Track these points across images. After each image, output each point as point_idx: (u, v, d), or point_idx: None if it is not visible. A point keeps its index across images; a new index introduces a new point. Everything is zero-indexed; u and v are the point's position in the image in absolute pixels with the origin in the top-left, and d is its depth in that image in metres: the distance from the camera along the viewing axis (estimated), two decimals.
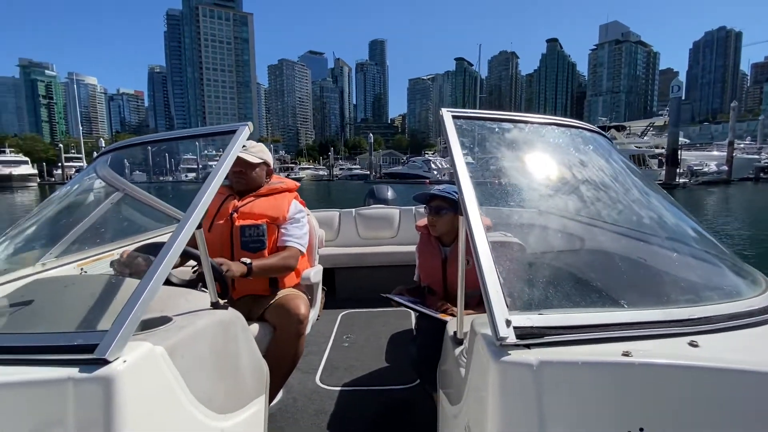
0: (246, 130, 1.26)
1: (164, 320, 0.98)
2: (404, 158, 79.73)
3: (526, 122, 1.34)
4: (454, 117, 1.15)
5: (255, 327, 1.65)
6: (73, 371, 0.73)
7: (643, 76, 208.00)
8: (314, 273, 2.04)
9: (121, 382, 0.73)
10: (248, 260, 1.65)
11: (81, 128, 52.62)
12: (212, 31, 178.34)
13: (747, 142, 51.00)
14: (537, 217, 1.48)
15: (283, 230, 1.86)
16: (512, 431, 0.71)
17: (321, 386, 2.18)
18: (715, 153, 39.04)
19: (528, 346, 0.74)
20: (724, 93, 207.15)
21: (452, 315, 1.42)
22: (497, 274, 0.81)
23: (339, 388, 2.16)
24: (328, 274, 3.58)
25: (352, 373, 2.32)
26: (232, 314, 1.17)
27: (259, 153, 1.91)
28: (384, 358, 2.53)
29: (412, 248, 1.84)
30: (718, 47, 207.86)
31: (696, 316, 0.86)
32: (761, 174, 36.86)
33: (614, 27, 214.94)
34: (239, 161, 1.80)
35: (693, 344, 0.79)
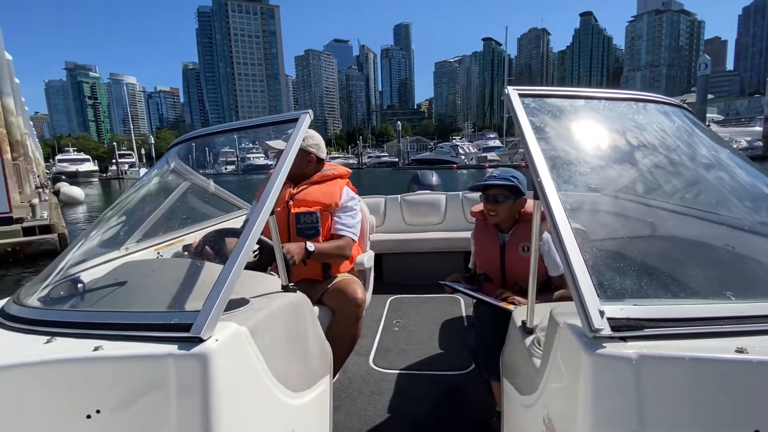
0: (307, 117, 1.29)
1: (243, 302, 1.04)
2: (431, 144, 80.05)
3: (597, 98, 1.26)
4: (521, 95, 1.08)
5: (316, 309, 1.69)
6: (172, 348, 0.80)
7: (687, 48, 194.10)
8: (367, 258, 2.11)
9: (215, 358, 0.79)
10: (312, 246, 1.72)
11: (132, 126, 56.87)
12: (241, 26, 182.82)
13: None
14: (605, 202, 1.40)
15: (336, 218, 1.92)
16: (607, 427, 0.68)
17: (374, 368, 2.26)
18: (749, 128, 37.32)
19: (624, 339, 0.70)
20: None
21: (513, 303, 1.42)
22: (585, 262, 0.77)
23: (392, 371, 2.22)
24: (376, 259, 3.63)
25: (405, 357, 2.37)
26: (301, 297, 1.22)
27: (308, 139, 1.98)
28: (435, 343, 2.55)
29: (460, 234, 1.86)
30: None
31: None
32: None
33: None
34: (275, 150, 1.86)
35: None
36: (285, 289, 1.20)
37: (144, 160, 52.97)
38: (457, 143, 54.05)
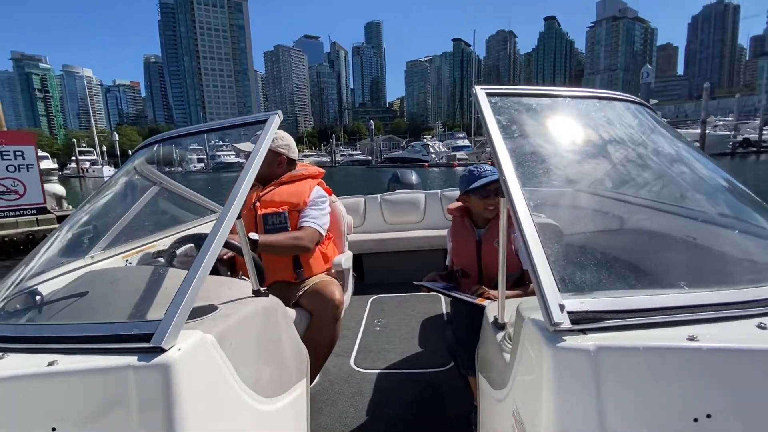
0: (276, 119, 1.28)
1: (211, 309, 1.02)
2: (403, 143, 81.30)
3: (563, 96, 1.28)
4: (488, 94, 1.10)
5: (292, 313, 1.68)
6: (132, 359, 0.77)
7: (641, 53, 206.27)
8: (345, 259, 2.08)
9: (177, 368, 0.76)
10: (255, 236, 1.64)
11: (94, 122, 54.00)
12: (207, 19, 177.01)
13: (728, 119, 52.61)
14: (573, 197, 1.43)
15: (302, 213, 1.88)
16: (569, 419, 0.70)
17: (356, 369, 2.24)
18: (690, 131, 40.78)
19: (583, 332, 0.72)
20: (722, 68, 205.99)
21: (488, 299, 1.42)
22: (546, 257, 0.79)
23: (373, 371, 2.21)
24: (356, 259, 3.62)
25: (386, 357, 2.36)
26: (273, 301, 1.20)
27: (278, 140, 1.94)
28: (415, 342, 2.57)
29: (440, 232, 1.78)
30: (716, 21, 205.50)
31: (763, 297, 0.83)
32: (738, 149, 38.83)
33: (612, 3, 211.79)
34: (245, 153, 1.83)
35: (762, 326, 0.75)
36: (256, 293, 1.18)
37: (106, 158, 50.69)
38: (428, 142, 55.46)
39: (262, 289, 1.20)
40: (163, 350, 0.77)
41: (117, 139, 47.70)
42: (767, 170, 25.01)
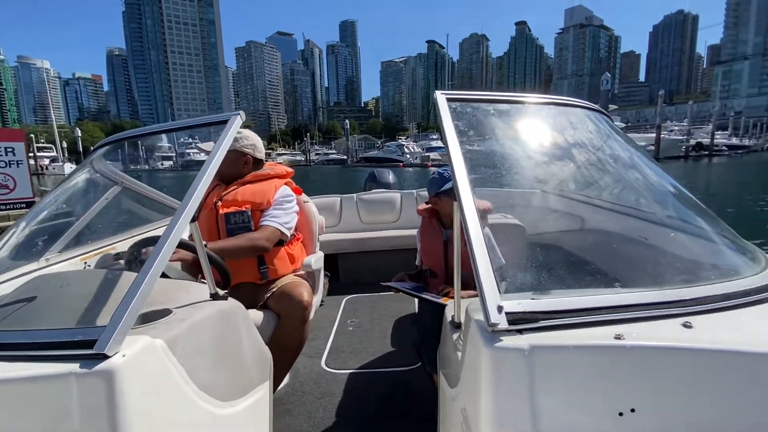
0: (238, 119, 1.26)
1: (164, 313, 1.00)
2: (379, 143, 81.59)
3: (524, 102, 1.32)
4: (448, 99, 1.13)
5: (259, 315, 1.67)
6: (74, 367, 0.75)
7: (606, 59, 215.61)
8: (315, 260, 2.06)
9: (121, 375, 0.74)
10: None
11: (54, 116, 51.03)
12: (176, 12, 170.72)
13: (683, 124, 56.04)
14: (538, 198, 1.45)
15: (264, 213, 1.83)
16: (505, 416, 0.72)
17: (326, 370, 2.23)
18: (645, 135, 43.22)
19: (520, 331, 0.75)
20: (681, 75, 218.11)
21: (452, 299, 1.41)
22: (490, 260, 0.81)
23: (344, 371, 2.20)
24: (331, 259, 3.68)
25: (357, 357, 2.36)
26: (232, 304, 1.18)
27: (244, 140, 1.91)
28: (388, 341, 2.57)
29: (415, 232, 1.86)
30: (675, 30, 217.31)
31: (690, 297, 0.86)
32: (691, 152, 41.53)
33: (579, 11, 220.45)
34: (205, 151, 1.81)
35: (686, 325, 0.79)
36: (214, 297, 1.16)
37: (66, 155, 48.00)
38: (403, 143, 55.88)
39: (221, 292, 1.18)
40: (107, 357, 0.75)
41: (80, 134, 45.18)
42: (718, 172, 26.68)
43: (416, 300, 3.10)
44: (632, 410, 0.71)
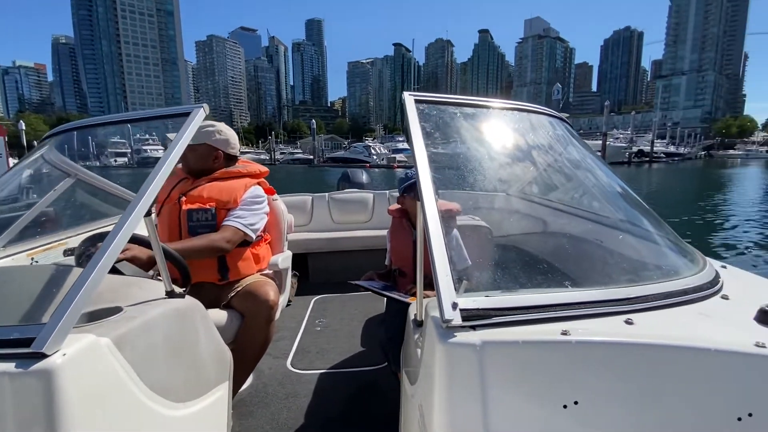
0: (201, 112, 1.24)
1: (113, 311, 0.95)
2: (345, 143, 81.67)
3: (490, 107, 1.34)
4: (416, 101, 1.14)
5: (221, 314, 1.64)
6: (8, 366, 0.71)
7: (562, 69, 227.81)
8: (282, 259, 2.02)
9: (61, 376, 0.70)
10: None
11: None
12: (130, 1, 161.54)
13: (627, 133, 60.83)
14: (504, 201, 1.51)
15: (229, 213, 1.76)
16: (457, 409, 0.75)
17: (292, 370, 2.20)
18: (592, 142, 47.06)
19: (474, 328, 0.77)
20: (628, 87, 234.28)
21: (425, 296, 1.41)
22: (448, 259, 0.83)
23: (310, 372, 2.17)
24: (301, 259, 3.63)
25: (324, 357, 2.33)
26: (190, 302, 1.14)
27: (203, 135, 1.82)
28: (356, 341, 2.55)
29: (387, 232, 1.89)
30: (624, 45, 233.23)
31: (633, 295, 0.90)
32: (633, 158, 45.56)
33: (537, 22, 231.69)
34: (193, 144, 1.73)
35: (628, 322, 0.83)
36: (170, 294, 1.11)
37: (7, 149, 44.23)
38: (370, 144, 56.60)
39: (179, 289, 1.14)
40: (45, 356, 0.71)
41: (23, 127, 41.82)
42: (658, 177, 29.35)
43: (385, 299, 3.66)
44: (575, 402, 0.74)
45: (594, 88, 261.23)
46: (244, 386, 1.95)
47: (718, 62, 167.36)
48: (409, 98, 1.14)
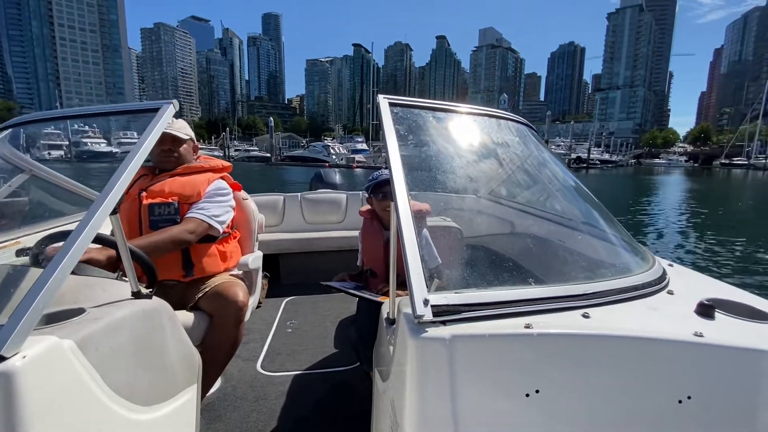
0: (171, 108, 1.21)
1: (77, 312, 0.93)
2: (304, 142, 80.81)
3: (461, 112, 1.39)
4: (390, 104, 1.16)
5: (189, 315, 1.60)
6: None
7: (513, 78, 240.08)
8: (252, 259, 2.00)
9: (20, 379, 0.69)
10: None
11: None
12: None
13: (567, 141, 66.02)
14: (474, 203, 1.59)
15: (192, 206, 1.70)
16: (427, 400, 0.78)
17: (262, 373, 2.17)
18: None
19: (444, 323, 0.81)
20: (572, 97, 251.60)
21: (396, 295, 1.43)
22: (420, 257, 0.86)
23: (280, 374, 2.16)
24: (272, 260, 3.59)
25: (295, 358, 2.32)
26: (157, 303, 1.12)
27: (184, 129, 1.82)
28: (328, 342, 2.54)
29: None
30: (568, 59, 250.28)
31: (590, 291, 0.98)
32: (572, 164, 49.66)
33: (491, 32, 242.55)
34: (167, 138, 1.71)
35: (585, 316, 0.90)
36: (136, 295, 1.08)
37: None
38: (329, 144, 56.55)
39: (145, 290, 1.12)
40: (3, 358, 0.69)
41: None
42: (594, 181, 32.29)
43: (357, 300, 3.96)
44: (537, 391, 0.80)
45: (542, 97, 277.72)
46: (213, 389, 1.93)
47: (647, 79, 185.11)
48: (383, 101, 1.16)
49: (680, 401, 0.83)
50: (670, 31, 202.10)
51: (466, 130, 1.48)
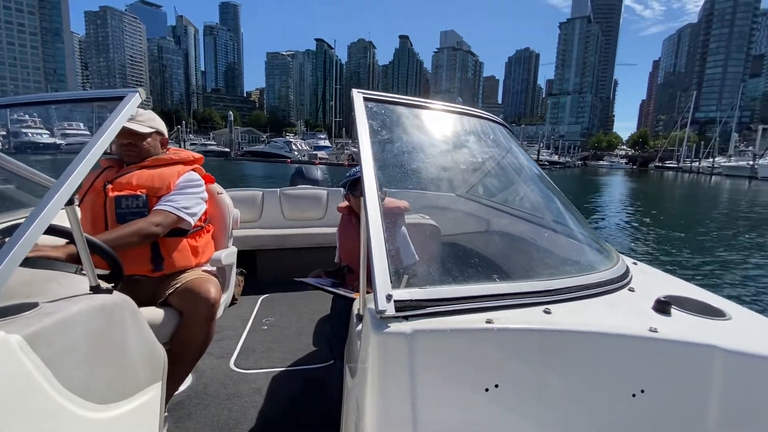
0: (136, 97, 1.17)
1: (27, 307, 0.90)
2: (264, 137, 79.43)
3: (437, 110, 1.38)
4: (365, 99, 1.15)
5: (157, 312, 1.55)
6: None
7: (472, 81, 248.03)
8: (226, 255, 1.93)
9: None
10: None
11: None
12: None
13: (519, 142, 70.05)
14: (453, 201, 1.61)
15: (161, 198, 1.63)
16: (387, 396, 0.79)
17: (235, 370, 2.13)
18: None
19: (407, 318, 0.81)
20: (527, 101, 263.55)
21: (367, 292, 1.41)
22: (385, 253, 0.86)
23: (254, 371, 2.11)
24: (249, 256, 3.52)
25: (270, 356, 2.28)
26: (117, 298, 1.07)
27: (149, 122, 1.73)
28: (304, 339, 2.51)
29: None
30: (524, 64, 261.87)
31: (553, 288, 0.99)
32: None
33: (451, 35, 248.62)
34: (126, 132, 1.63)
35: (547, 311, 0.91)
36: (95, 290, 1.03)
37: None
38: (291, 140, 56.17)
39: (105, 284, 1.05)
40: None
41: None
42: None
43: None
44: (496, 386, 0.81)
45: (500, 100, 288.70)
46: (182, 387, 1.88)
47: (594, 86, 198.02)
48: (357, 95, 1.14)
49: (634, 395, 0.85)
50: (615, 42, 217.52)
51: (442, 128, 1.48)
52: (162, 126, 1.80)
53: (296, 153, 49.03)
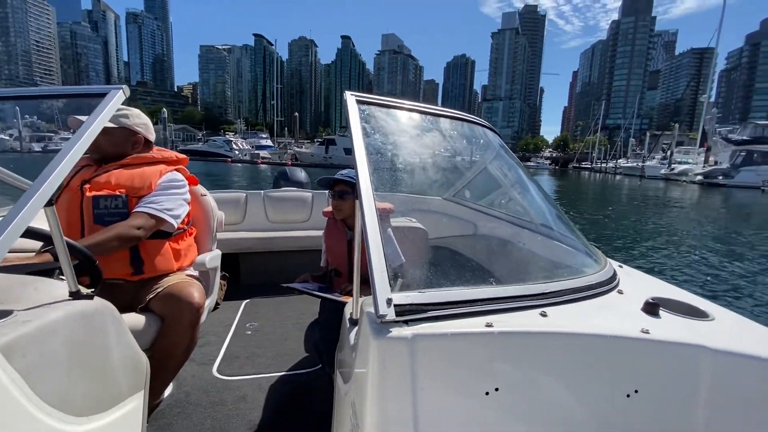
0: (120, 94, 1.13)
1: (3, 314, 0.86)
2: (201, 135, 75.68)
3: (429, 114, 1.40)
4: (358, 101, 1.15)
5: (138, 318, 1.50)
6: None
7: (413, 83, 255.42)
8: (210, 258, 1.89)
9: None
10: None
11: None
12: None
13: None
14: (441, 205, 1.61)
15: (142, 199, 1.56)
16: (388, 400, 0.78)
17: (218, 377, 2.06)
18: None
19: (407, 322, 0.80)
20: (464, 105, 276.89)
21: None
22: (384, 257, 0.86)
23: (238, 378, 2.05)
24: (232, 260, 3.49)
25: (254, 362, 2.21)
26: (99, 304, 1.02)
27: (122, 118, 1.65)
28: (289, 344, 2.44)
29: None
30: (461, 69, 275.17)
31: (548, 291, 1.01)
32: None
33: (392, 38, 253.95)
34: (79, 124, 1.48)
35: (543, 314, 0.93)
36: (75, 295, 0.98)
37: None
38: (231, 139, 54.36)
39: (85, 290, 1.01)
40: None
41: None
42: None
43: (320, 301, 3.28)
44: (496, 389, 0.81)
45: (440, 103, 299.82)
46: (164, 396, 1.84)
47: (523, 93, 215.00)
48: (350, 98, 1.14)
49: (628, 395, 0.87)
50: (540, 53, 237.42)
51: (433, 132, 1.49)
52: (142, 126, 1.73)
53: (237, 152, 47.66)
